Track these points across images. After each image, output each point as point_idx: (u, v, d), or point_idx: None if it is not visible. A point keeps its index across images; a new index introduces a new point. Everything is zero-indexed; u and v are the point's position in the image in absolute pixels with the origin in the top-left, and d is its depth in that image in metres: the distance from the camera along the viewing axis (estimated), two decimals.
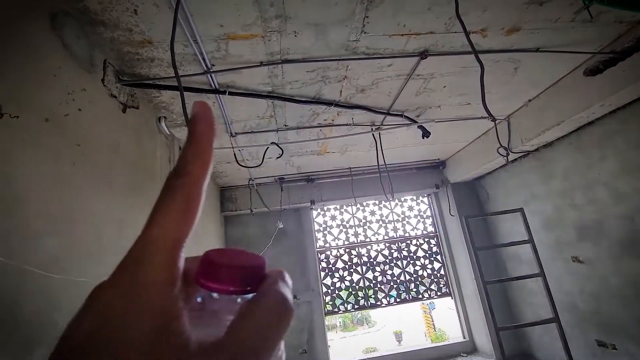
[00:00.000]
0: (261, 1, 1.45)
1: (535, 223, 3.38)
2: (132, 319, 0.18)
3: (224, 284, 0.23)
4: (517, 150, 3.22)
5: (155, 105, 2.17)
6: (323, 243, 4.54)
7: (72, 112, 1.33)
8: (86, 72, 1.48)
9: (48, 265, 1.08)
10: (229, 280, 0.23)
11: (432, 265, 4.61)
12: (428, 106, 2.70)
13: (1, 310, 0.89)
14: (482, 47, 1.97)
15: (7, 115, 1.00)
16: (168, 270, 0.20)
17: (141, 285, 0.19)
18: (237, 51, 1.75)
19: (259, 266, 0.24)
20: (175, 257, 0.21)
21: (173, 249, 0.21)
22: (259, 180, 4.09)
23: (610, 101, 2.29)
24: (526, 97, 2.80)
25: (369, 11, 1.58)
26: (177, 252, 0.21)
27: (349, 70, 2.07)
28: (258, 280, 0.24)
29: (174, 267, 0.21)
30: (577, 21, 1.84)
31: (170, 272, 0.20)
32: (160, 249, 0.21)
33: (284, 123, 2.68)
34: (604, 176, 2.67)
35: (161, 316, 0.19)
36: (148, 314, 0.19)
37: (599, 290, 2.82)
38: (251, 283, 0.23)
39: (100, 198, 1.48)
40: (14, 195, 1.00)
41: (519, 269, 3.79)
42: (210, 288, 0.23)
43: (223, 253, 0.24)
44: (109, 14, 1.41)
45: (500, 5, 1.65)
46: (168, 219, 0.21)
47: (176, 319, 0.19)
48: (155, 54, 1.69)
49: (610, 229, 2.67)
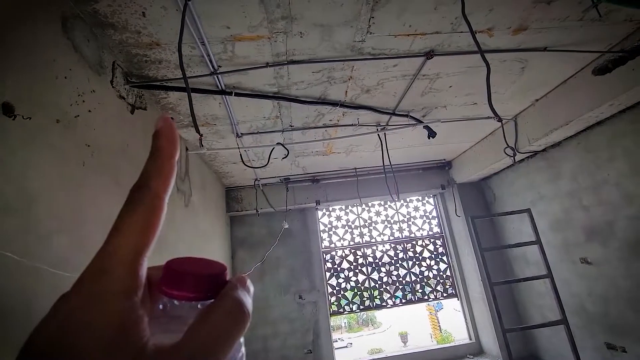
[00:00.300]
0: (267, 2, 1.46)
1: (543, 224, 3.34)
2: (92, 326, 0.19)
3: (185, 291, 0.24)
4: (525, 150, 3.19)
5: (162, 107, 2.19)
6: (328, 243, 4.54)
7: (82, 113, 1.35)
8: (96, 74, 1.50)
9: (58, 264, 1.10)
10: (189, 288, 0.24)
11: (438, 266, 4.58)
12: (434, 106, 2.69)
13: (15, 308, 0.91)
14: (489, 47, 1.96)
15: (20, 117, 1.02)
16: (128, 280, 0.21)
17: (102, 294, 0.21)
18: (243, 52, 1.76)
19: (219, 274, 0.25)
20: (136, 268, 0.22)
21: (134, 260, 0.22)
22: (264, 181, 4.11)
23: (619, 100, 2.26)
24: (533, 96, 2.77)
25: (375, 12, 1.58)
26: (138, 263, 0.22)
27: (355, 71, 2.07)
28: (218, 287, 0.25)
29: (135, 277, 0.22)
30: (585, 20, 1.82)
31: (130, 281, 0.21)
32: (121, 260, 0.22)
33: (289, 124, 2.70)
34: (614, 177, 2.64)
35: (120, 323, 0.20)
36: (107, 322, 0.20)
37: (608, 292, 2.78)
38: (211, 290, 0.24)
39: (109, 198, 1.50)
40: (26, 194, 1.02)
41: (526, 271, 3.75)
42: (172, 295, 0.24)
43: (184, 262, 0.25)
44: (118, 16, 1.43)
45: (506, 4, 1.64)
46: (129, 231, 0.22)
47: (135, 326, 0.20)
48: (163, 55, 1.71)
49: (620, 230, 2.64)
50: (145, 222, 0.23)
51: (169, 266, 0.24)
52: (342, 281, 4.38)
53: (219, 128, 2.61)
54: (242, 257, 4.23)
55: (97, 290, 0.21)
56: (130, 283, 0.21)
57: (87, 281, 0.21)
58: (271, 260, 4.23)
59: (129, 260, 0.22)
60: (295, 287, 4.15)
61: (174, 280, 0.24)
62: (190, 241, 2.60)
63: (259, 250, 4.25)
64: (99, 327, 0.19)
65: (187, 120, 2.39)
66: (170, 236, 2.18)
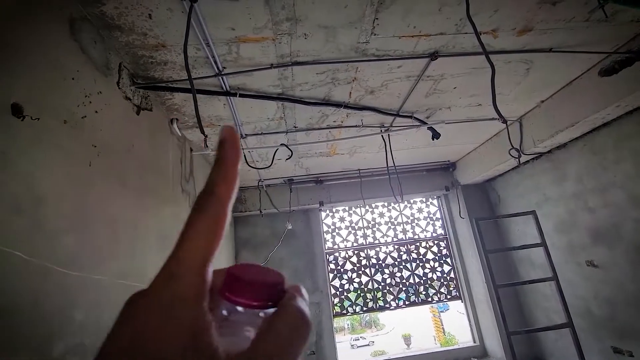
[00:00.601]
0: (272, 4, 1.47)
1: (548, 226, 3.31)
2: (167, 332, 0.20)
3: (249, 299, 0.25)
4: (530, 151, 3.16)
5: (167, 108, 2.21)
6: (332, 244, 4.54)
7: (89, 114, 1.37)
8: (102, 75, 1.52)
9: (66, 263, 1.11)
10: (253, 296, 0.25)
11: (442, 268, 4.56)
12: (438, 107, 2.68)
13: (24, 306, 0.92)
14: (494, 48, 1.95)
15: (29, 118, 1.03)
16: (198, 286, 0.22)
17: (174, 301, 0.21)
18: (248, 54, 1.77)
19: (280, 282, 0.26)
20: (204, 274, 0.23)
21: (202, 266, 0.23)
22: (268, 182, 4.12)
23: (626, 102, 2.24)
24: (539, 98, 2.76)
25: (379, 13, 1.59)
26: (206, 269, 0.23)
27: (359, 72, 2.07)
28: (278, 296, 0.25)
29: (203, 283, 0.22)
30: (591, 20, 1.81)
31: (200, 288, 0.22)
32: (190, 266, 0.22)
33: (293, 125, 2.70)
34: (620, 179, 2.61)
35: (193, 329, 0.21)
36: (181, 328, 0.20)
37: (615, 296, 2.75)
38: (272, 298, 0.25)
39: (115, 198, 1.51)
40: (34, 194, 1.03)
41: (531, 273, 3.72)
42: (236, 302, 0.25)
43: (247, 269, 0.26)
44: (125, 18, 1.45)
45: (511, 5, 1.63)
46: (197, 237, 0.23)
47: (206, 331, 0.21)
48: (169, 57, 1.72)
49: (627, 233, 2.61)
50: (212, 228, 0.24)
51: (232, 273, 0.25)
52: (345, 282, 4.37)
53: None
54: (246, 257, 4.24)
55: (170, 297, 0.21)
56: (200, 289, 0.22)
57: (158, 287, 0.22)
58: (274, 261, 4.23)
59: (198, 266, 0.22)
60: None
61: (238, 288, 0.25)
62: None
63: (263, 251, 4.26)
64: (174, 333, 0.20)
65: (191, 121, 2.41)
66: (175, 236, 2.19)
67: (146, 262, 1.74)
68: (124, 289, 1.48)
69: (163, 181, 2.10)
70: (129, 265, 1.56)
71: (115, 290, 1.40)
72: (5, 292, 0.88)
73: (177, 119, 2.35)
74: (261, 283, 0.25)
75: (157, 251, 1.88)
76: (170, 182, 2.22)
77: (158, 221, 1.95)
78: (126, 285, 1.49)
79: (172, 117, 2.32)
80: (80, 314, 1.12)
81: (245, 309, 0.25)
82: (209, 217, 0.24)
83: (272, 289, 0.25)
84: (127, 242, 1.57)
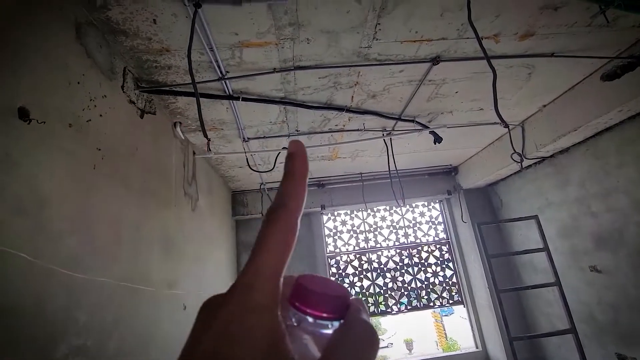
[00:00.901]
0: (275, 10, 1.48)
1: (551, 231, 3.30)
2: (249, 339, 0.20)
3: (320, 310, 0.26)
4: (532, 156, 3.16)
5: (171, 111, 2.23)
6: (333, 248, 4.53)
7: (93, 118, 1.39)
8: (107, 79, 1.54)
9: (70, 265, 1.12)
10: (324, 307, 0.26)
11: (444, 272, 4.54)
12: (440, 111, 2.69)
13: (29, 307, 0.93)
14: (495, 53, 1.96)
15: (35, 121, 1.05)
16: (274, 295, 0.23)
17: (253, 309, 0.22)
18: (251, 58, 1.79)
19: (347, 296, 0.27)
20: (279, 283, 0.23)
21: (277, 276, 0.23)
22: (270, 185, 4.13)
23: (629, 106, 2.24)
24: (541, 102, 2.76)
25: (381, 18, 1.60)
26: (279, 278, 0.24)
27: (361, 76, 2.08)
28: (345, 308, 0.26)
29: (278, 292, 0.23)
30: (593, 26, 1.82)
31: (275, 297, 0.23)
32: (267, 276, 0.23)
33: (295, 128, 2.72)
34: (623, 183, 2.60)
35: (273, 337, 0.21)
36: (262, 335, 0.21)
37: (618, 301, 2.73)
38: (341, 311, 0.26)
39: (118, 200, 1.52)
40: (39, 196, 1.04)
41: (533, 278, 3.69)
42: (307, 313, 0.26)
43: (314, 281, 0.27)
44: (130, 23, 1.47)
45: (513, 10, 1.64)
46: (272, 249, 0.24)
47: (284, 339, 0.22)
48: (173, 61, 1.74)
49: (630, 238, 2.59)
50: (285, 240, 0.24)
51: (302, 284, 0.26)
52: (346, 286, 4.35)
53: (226, 132, 2.63)
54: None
55: (249, 305, 0.22)
56: (276, 298, 0.23)
57: (237, 295, 0.22)
58: None
59: (273, 276, 0.23)
60: None
61: (309, 299, 0.25)
62: (197, 244, 2.62)
63: None
64: (255, 340, 0.20)
65: (194, 125, 2.43)
66: (178, 239, 2.20)
67: (149, 264, 1.75)
68: (127, 291, 1.48)
69: (166, 184, 2.11)
70: (132, 267, 1.57)
71: (118, 293, 1.41)
72: (9, 292, 0.89)
73: (180, 122, 2.36)
74: (332, 296, 0.26)
75: (159, 253, 1.89)
76: (173, 185, 2.23)
77: (160, 224, 1.96)
78: (129, 288, 1.49)
79: (176, 121, 2.34)
80: (83, 315, 1.13)
81: (315, 320, 0.26)
82: (281, 229, 0.25)
83: (341, 301, 0.26)
84: (130, 244, 1.58)
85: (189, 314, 2.24)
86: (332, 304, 0.26)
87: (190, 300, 2.30)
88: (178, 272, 2.14)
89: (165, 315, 1.88)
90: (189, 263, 2.38)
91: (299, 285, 0.26)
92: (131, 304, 1.52)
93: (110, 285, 1.34)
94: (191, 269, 2.42)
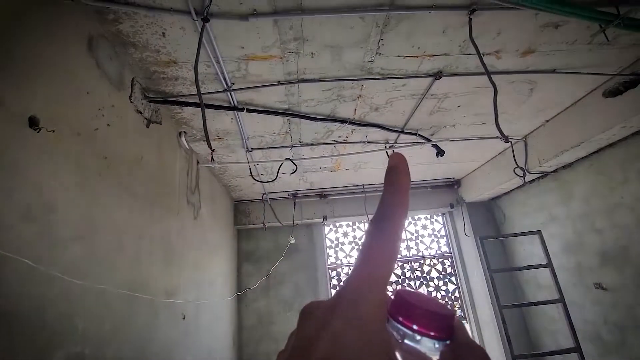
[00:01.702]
0: (281, 25, 1.52)
1: (555, 246, 3.26)
2: (362, 349, 0.20)
3: (429, 329, 0.25)
4: (535, 171, 3.15)
5: (177, 121, 2.27)
6: (335, 260, 4.50)
7: (101, 127, 1.42)
8: (116, 89, 1.58)
9: (71, 271, 1.13)
10: (432, 326, 0.25)
11: (447, 286, 4.48)
12: (442, 125, 2.71)
13: (29, 313, 0.94)
14: (497, 68, 1.99)
15: (44, 130, 1.08)
16: (382, 306, 0.23)
17: (364, 319, 0.21)
18: (256, 71, 1.83)
19: (453, 316, 0.27)
20: (385, 294, 0.23)
21: (383, 287, 0.23)
22: (272, 195, 4.14)
23: (631, 123, 2.24)
24: (543, 117, 2.77)
25: (384, 34, 1.63)
26: (385, 289, 0.23)
27: (364, 90, 2.11)
28: (452, 329, 0.26)
29: (385, 303, 0.23)
30: (594, 43, 1.84)
31: (383, 308, 0.23)
32: (374, 286, 0.23)
33: (298, 140, 2.74)
34: (628, 200, 2.58)
35: (386, 348, 0.21)
36: (375, 346, 0.21)
37: (625, 320, 2.67)
38: (449, 331, 0.26)
39: (122, 208, 1.54)
40: (43, 203, 1.06)
41: (537, 294, 3.63)
42: (413, 330, 0.25)
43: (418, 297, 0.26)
44: (140, 36, 1.52)
45: (514, 28, 1.67)
46: (378, 261, 0.24)
47: (393, 350, 0.22)
48: (180, 73, 1.79)
49: (636, 256, 2.55)
50: (390, 251, 0.24)
51: (406, 299, 0.26)
52: None
53: (229, 142, 2.67)
54: (248, 270, 4.22)
55: (359, 315, 0.21)
56: (383, 310, 0.23)
57: (345, 307, 0.22)
58: (277, 275, 4.20)
59: (380, 286, 0.23)
60: (300, 303, 4.09)
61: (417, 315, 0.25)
62: (198, 253, 2.62)
63: (265, 265, 4.24)
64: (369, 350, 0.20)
65: (199, 135, 2.46)
66: (179, 247, 2.21)
67: (150, 273, 1.75)
68: (126, 299, 1.48)
69: (169, 192, 2.13)
70: (132, 275, 1.57)
71: (117, 300, 1.41)
72: (8, 297, 0.90)
73: (186, 132, 2.40)
74: (442, 314, 0.25)
75: (160, 261, 1.89)
76: (177, 194, 2.25)
77: (163, 231, 1.97)
78: (128, 296, 1.49)
79: (181, 130, 2.38)
80: (82, 322, 1.13)
81: (422, 337, 0.25)
82: (386, 241, 0.24)
83: (449, 322, 0.26)
84: (132, 251, 1.59)
85: (188, 323, 2.23)
86: (442, 323, 0.25)
87: (190, 309, 2.29)
88: (178, 281, 2.14)
89: (164, 324, 1.87)
90: (189, 271, 2.38)
91: (401, 300, 0.26)
92: (130, 312, 1.52)
93: (109, 293, 1.34)
94: (191, 278, 2.41)
